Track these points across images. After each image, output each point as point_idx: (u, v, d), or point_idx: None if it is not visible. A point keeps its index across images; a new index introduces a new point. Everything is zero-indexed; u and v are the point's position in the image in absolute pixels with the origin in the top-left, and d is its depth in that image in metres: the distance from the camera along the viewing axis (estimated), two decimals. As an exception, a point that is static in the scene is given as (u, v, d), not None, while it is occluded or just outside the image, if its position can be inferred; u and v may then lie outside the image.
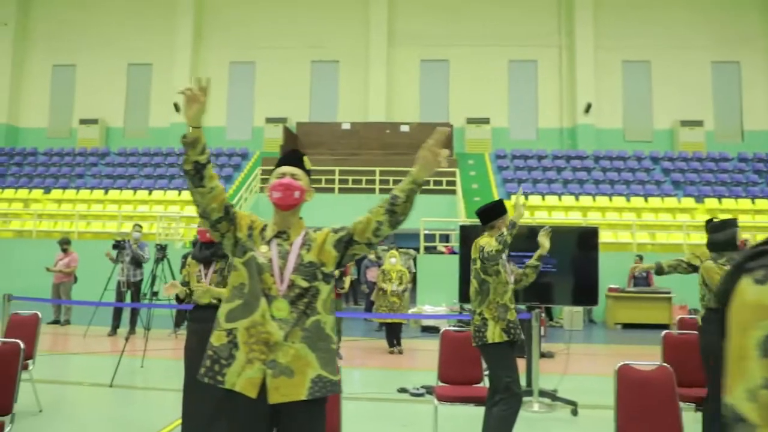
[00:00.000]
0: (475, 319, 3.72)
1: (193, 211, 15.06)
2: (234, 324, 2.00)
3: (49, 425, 4.46)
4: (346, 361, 7.22)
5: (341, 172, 14.97)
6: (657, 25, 18.67)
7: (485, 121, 18.69)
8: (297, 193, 2.08)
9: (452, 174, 15.02)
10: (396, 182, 15.12)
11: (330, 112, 19.24)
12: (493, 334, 3.59)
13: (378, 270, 8.78)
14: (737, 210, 14.55)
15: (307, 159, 2.19)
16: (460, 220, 13.09)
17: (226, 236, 2.09)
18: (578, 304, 8.08)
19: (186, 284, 4.21)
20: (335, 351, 2.08)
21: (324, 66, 19.52)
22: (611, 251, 12.32)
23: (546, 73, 19.05)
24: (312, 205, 2.61)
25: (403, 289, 8.12)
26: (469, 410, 4.16)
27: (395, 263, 8.23)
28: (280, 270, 2.02)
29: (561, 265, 5.40)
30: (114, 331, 8.96)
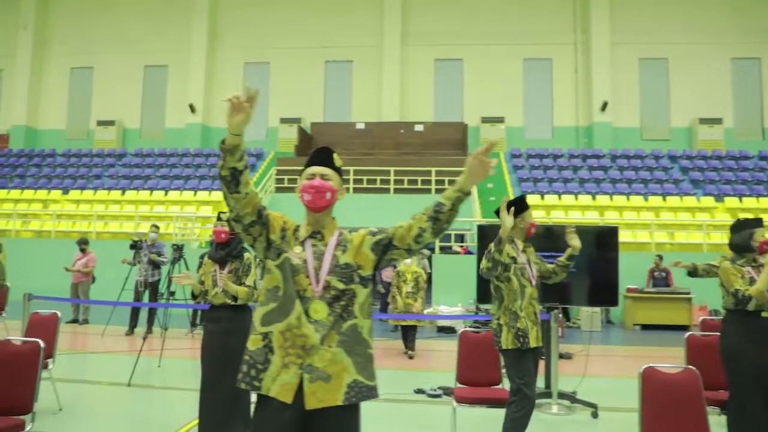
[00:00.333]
0: (492, 322, 3.75)
1: (208, 211, 15.17)
2: (269, 328, 1.97)
3: (68, 424, 4.49)
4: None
5: (355, 172, 14.96)
6: (674, 22, 18.42)
7: (500, 120, 18.57)
8: (328, 195, 2.04)
9: (467, 173, 14.90)
10: (411, 182, 15.13)
11: (344, 112, 19.26)
12: (506, 340, 3.59)
13: (393, 271, 8.71)
14: (758, 209, 14.30)
15: (337, 156, 2.14)
16: (476, 220, 13.02)
17: (258, 240, 2.05)
18: (597, 305, 7.97)
19: (202, 283, 4.22)
20: (372, 355, 2.04)
21: (338, 66, 19.54)
22: (629, 251, 12.17)
23: (561, 71, 18.88)
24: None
25: (416, 291, 7.87)
26: (487, 412, 4.11)
27: (410, 264, 8.11)
28: (315, 271, 1.99)
29: (580, 265, 5.31)
30: (131, 331, 9.03)
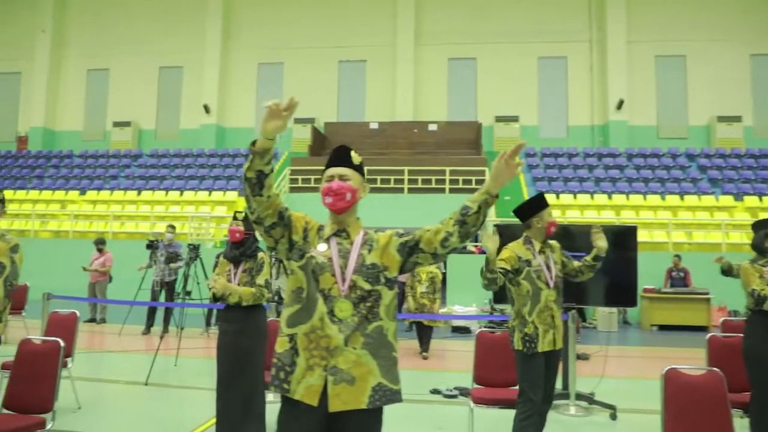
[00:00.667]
0: (509, 322, 3.72)
1: (223, 211, 15.26)
2: (294, 329, 1.95)
3: (88, 422, 4.53)
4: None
5: (369, 172, 14.93)
6: (692, 18, 18.16)
7: (514, 119, 18.45)
8: (348, 195, 2.02)
9: (481, 173, 14.85)
10: (425, 182, 15.09)
11: (358, 111, 19.27)
12: (517, 341, 3.56)
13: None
14: (779, 208, 14.06)
15: (355, 154, 2.11)
16: (490, 220, 12.95)
17: (280, 242, 2.03)
18: (615, 305, 7.88)
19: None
20: (396, 359, 2.01)
21: (351, 66, 19.56)
22: (646, 251, 12.02)
23: (576, 69, 18.71)
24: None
25: (432, 292, 7.69)
26: (503, 413, 4.07)
27: None
28: (341, 270, 1.96)
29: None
30: (148, 330, 9.11)
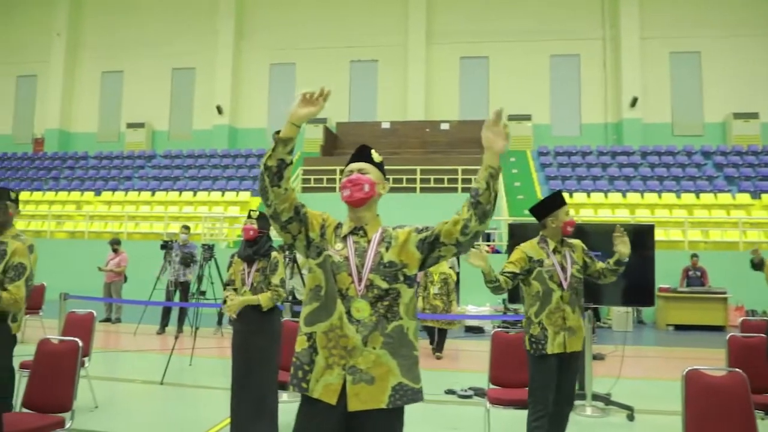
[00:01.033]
0: (522, 322, 3.68)
1: (236, 211, 15.33)
2: (313, 328, 1.94)
3: (105, 421, 4.56)
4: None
5: (381, 172, 14.92)
6: (706, 14, 17.92)
7: (527, 118, 18.33)
8: (367, 187, 1.99)
9: (494, 172, 14.76)
10: (437, 181, 15.05)
11: (369, 111, 19.26)
12: (526, 342, 3.53)
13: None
14: (798, 206, 13.84)
15: (375, 152, 2.11)
16: (503, 219, 12.89)
17: (298, 238, 2.02)
18: (632, 305, 7.78)
19: (231, 282, 4.24)
20: (417, 358, 1.99)
21: (363, 66, 19.56)
22: (662, 249, 11.84)
23: (589, 66, 18.56)
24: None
25: (445, 293, 7.51)
26: (519, 414, 4.04)
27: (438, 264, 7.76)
28: (357, 269, 1.94)
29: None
30: (162, 330, 9.18)
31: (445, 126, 17.65)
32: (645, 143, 17.42)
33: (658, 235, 12.68)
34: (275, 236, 4.47)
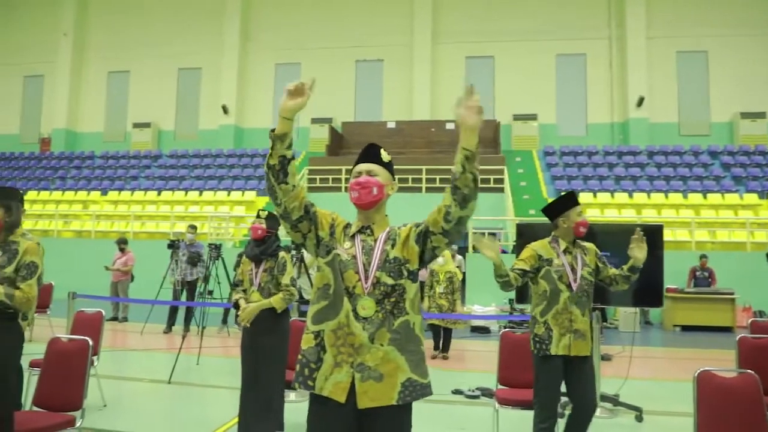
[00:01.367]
0: (529, 322, 3.62)
1: (242, 211, 15.35)
2: (321, 326, 1.95)
3: (114, 420, 4.57)
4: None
5: (387, 171, 14.91)
6: (713, 12, 17.82)
7: (532, 118, 18.30)
8: (375, 190, 2.00)
9: (500, 172, 14.77)
10: (443, 180, 15.02)
11: (375, 111, 19.26)
12: (531, 342, 3.47)
13: (426, 270, 8.55)
14: (806, 206, 13.75)
15: (384, 152, 2.10)
16: (509, 219, 12.87)
17: (308, 237, 2.03)
18: (641, 306, 7.74)
19: (240, 282, 4.25)
20: (424, 353, 2.00)
21: (369, 65, 19.56)
22: (668, 250, 11.75)
23: (595, 66, 18.50)
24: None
25: (450, 292, 7.44)
26: (527, 414, 4.03)
27: (444, 263, 7.65)
28: (364, 267, 1.95)
29: (623, 264, 5.19)
30: (169, 329, 9.20)
31: (450, 126, 17.61)
32: (651, 143, 17.35)
33: (665, 235, 12.62)
34: (283, 236, 4.48)
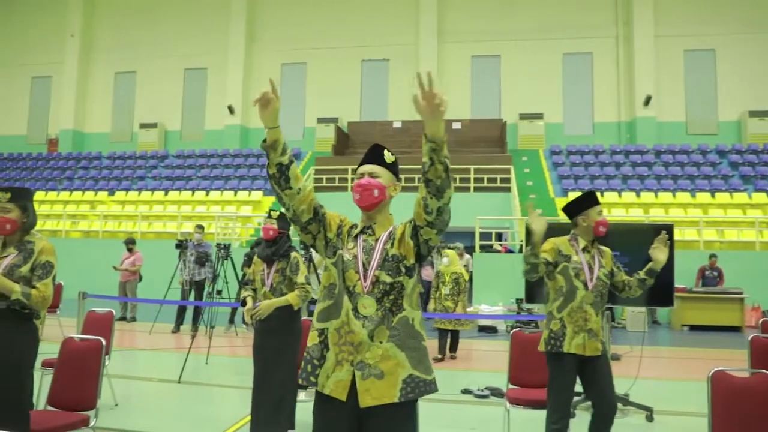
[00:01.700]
0: (542, 323, 3.59)
1: (248, 211, 15.39)
2: (325, 324, 1.97)
3: (126, 419, 4.60)
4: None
5: (393, 171, 14.91)
6: (721, 11, 17.74)
7: (539, 117, 18.26)
8: (376, 192, 2.02)
9: (506, 171, 14.74)
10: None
11: (381, 110, 19.26)
12: (542, 341, 3.42)
13: (432, 270, 8.54)
14: (815, 205, 13.66)
15: (388, 152, 2.11)
16: (516, 218, 12.84)
17: (318, 238, 2.06)
18: (651, 305, 7.71)
19: (250, 281, 4.26)
20: (426, 348, 2.00)
21: (374, 65, 19.56)
22: (677, 249, 11.72)
23: (602, 65, 18.44)
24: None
25: (456, 293, 7.32)
26: (537, 414, 4.02)
27: (449, 264, 7.46)
28: (363, 266, 1.97)
29: (633, 264, 5.15)
30: (177, 328, 9.24)
31: (456, 125, 17.60)
32: (659, 142, 17.28)
33: (674, 234, 12.58)
34: (292, 236, 4.49)
